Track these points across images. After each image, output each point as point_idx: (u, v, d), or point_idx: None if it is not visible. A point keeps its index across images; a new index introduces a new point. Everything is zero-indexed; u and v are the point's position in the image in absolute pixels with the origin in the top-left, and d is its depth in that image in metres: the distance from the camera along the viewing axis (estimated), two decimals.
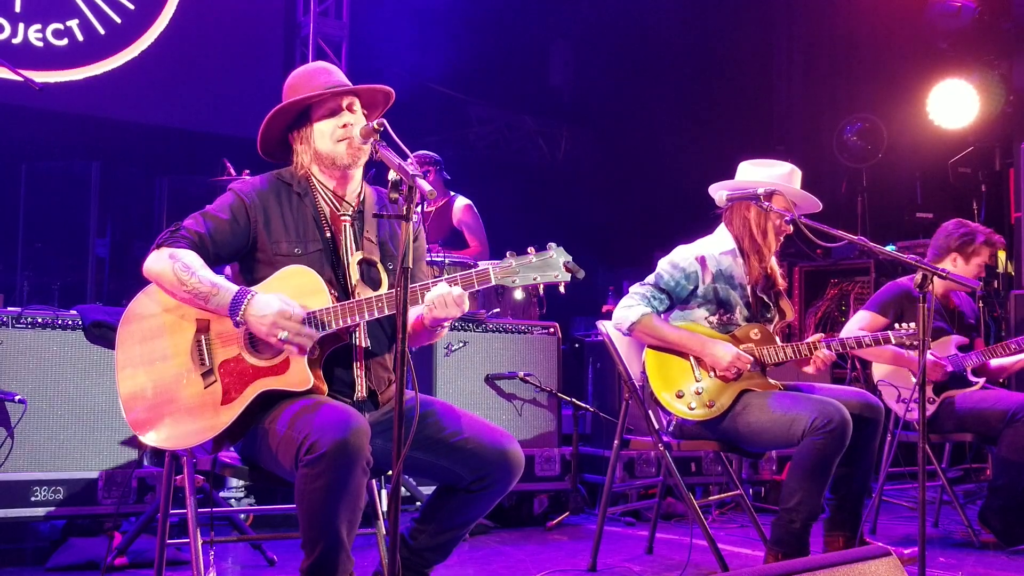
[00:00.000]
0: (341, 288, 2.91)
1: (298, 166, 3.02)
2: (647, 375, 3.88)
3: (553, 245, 2.74)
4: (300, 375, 2.75)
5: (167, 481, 2.98)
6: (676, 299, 3.95)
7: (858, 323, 4.72)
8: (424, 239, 3.23)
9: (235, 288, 2.76)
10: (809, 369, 3.92)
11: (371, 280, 2.96)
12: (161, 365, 2.82)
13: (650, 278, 3.97)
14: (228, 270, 3.11)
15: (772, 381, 3.88)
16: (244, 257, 2.97)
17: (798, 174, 4.02)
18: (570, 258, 2.73)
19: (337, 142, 2.95)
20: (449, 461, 2.84)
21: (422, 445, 2.82)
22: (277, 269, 2.87)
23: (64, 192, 7.16)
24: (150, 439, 2.80)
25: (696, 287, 3.93)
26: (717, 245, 4.01)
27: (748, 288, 3.98)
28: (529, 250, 2.74)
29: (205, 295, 2.76)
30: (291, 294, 2.80)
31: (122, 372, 2.85)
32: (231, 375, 2.77)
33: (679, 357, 3.89)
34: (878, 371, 4.81)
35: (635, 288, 3.96)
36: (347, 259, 2.95)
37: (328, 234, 2.96)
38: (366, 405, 2.93)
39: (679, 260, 3.95)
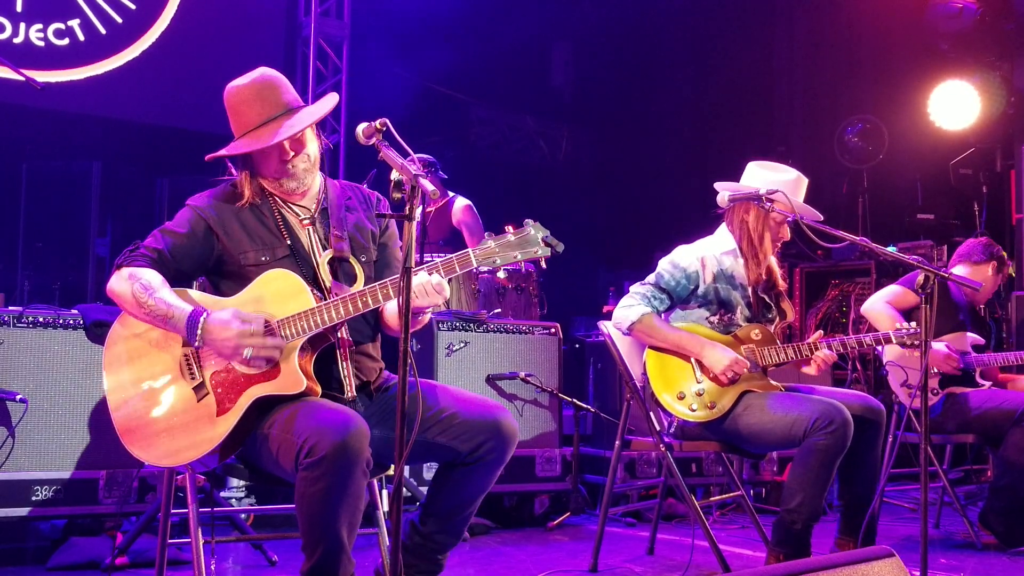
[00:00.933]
0: (316, 290, 2.90)
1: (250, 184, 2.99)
2: (648, 376, 3.88)
3: (530, 221, 2.71)
4: (292, 378, 2.74)
5: (168, 481, 2.98)
6: (676, 299, 3.95)
7: (887, 295, 4.70)
8: (395, 229, 3.19)
9: (189, 308, 2.74)
10: (810, 370, 3.91)
11: (346, 276, 2.96)
12: (151, 384, 2.81)
13: (650, 278, 3.96)
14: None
15: (773, 382, 3.88)
16: (211, 271, 2.96)
17: (804, 183, 3.99)
18: (548, 232, 2.70)
19: (280, 177, 2.94)
20: (444, 438, 2.84)
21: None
22: (247, 280, 2.85)
23: (65, 192, 7.14)
24: (148, 459, 2.79)
25: (696, 287, 3.93)
26: (718, 245, 4.01)
27: (749, 288, 3.98)
28: (507, 229, 2.73)
29: (162, 316, 2.75)
30: (272, 299, 2.79)
31: (113, 395, 2.84)
32: (223, 385, 2.76)
33: (680, 358, 3.89)
34: (889, 353, 4.77)
35: (635, 288, 3.96)
36: (316, 260, 2.94)
37: (289, 240, 2.95)
38: (359, 398, 2.93)
39: (680, 260, 3.95)
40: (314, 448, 2.54)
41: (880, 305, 4.66)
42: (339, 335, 2.88)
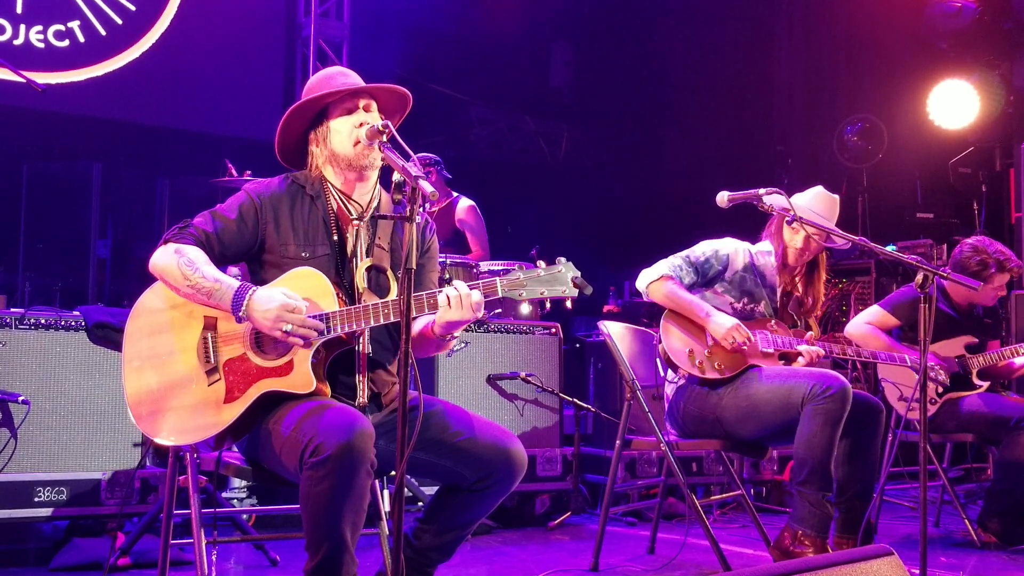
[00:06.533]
0: (347, 294, 2.91)
1: (312, 167, 3.02)
2: (661, 335, 3.99)
3: (562, 260, 2.71)
4: (303, 377, 2.75)
5: (171, 481, 2.99)
6: (701, 276, 4.06)
7: (868, 317, 4.75)
8: (436, 249, 3.21)
9: (237, 284, 2.77)
10: (801, 361, 3.96)
11: (379, 287, 2.96)
12: (167, 360, 2.84)
13: (684, 252, 4.09)
14: (233, 270, 3.12)
15: (781, 363, 3.98)
16: (252, 258, 2.97)
17: (833, 200, 4.11)
18: (579, 273, 2.71)
19: (354, 144, 2.94)
20: (452, 461, 2.84)
21: (425, 446, 2.82)
22: (284, 271, 2.87)
23: (66, 193, 7.15)
24: (152, 433, 2.82)
25: (724, 270, 4.06)
26: (759, 246, 4.17)
27: (778, 293, 4.09)
28: (539, 263, 2.72)
29: (207, 291, 2.77)
30: (297, 295, 2.80)
31: (129, 365, 2.87)
32: (235, 374, 2.79)
33: (695, 325, 3.98)
34: (882, 371, 4.82)
35: (667, 258, 4.07)
36: (355, 265, 2.95)
37: (336, 238, 2.96)
38: (369, 407, 2.93)
39: (718, 243, 4.11)
40: (320, 447, 2.55)
41: (863, 327, 4.71)
42: (358, 346, 2.88)
